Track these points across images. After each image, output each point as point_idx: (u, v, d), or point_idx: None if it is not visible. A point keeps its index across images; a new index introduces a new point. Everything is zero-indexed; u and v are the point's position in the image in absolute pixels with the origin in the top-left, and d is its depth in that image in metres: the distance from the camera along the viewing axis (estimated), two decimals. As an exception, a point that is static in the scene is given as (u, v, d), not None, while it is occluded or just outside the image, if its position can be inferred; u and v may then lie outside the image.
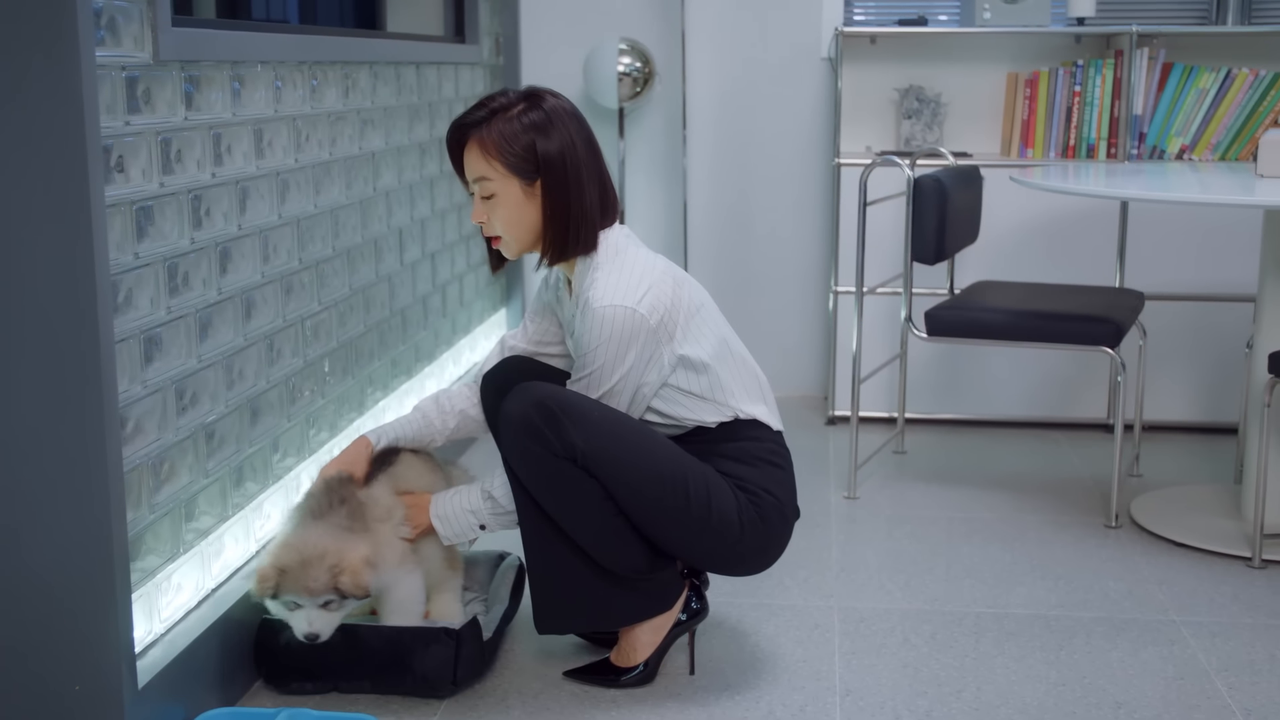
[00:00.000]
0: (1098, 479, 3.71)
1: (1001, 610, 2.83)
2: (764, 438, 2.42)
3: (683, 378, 2.38)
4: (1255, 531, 3.06)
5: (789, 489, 2.43)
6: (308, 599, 2.26)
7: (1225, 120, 4.11)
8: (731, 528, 2.34)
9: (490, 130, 2.34)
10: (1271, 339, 3.17)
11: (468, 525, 2.46)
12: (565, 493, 2.28)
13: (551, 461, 2.25)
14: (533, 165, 2.34)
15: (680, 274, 2.43)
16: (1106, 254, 4.08)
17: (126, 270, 2.09)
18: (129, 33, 2.09)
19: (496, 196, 2.36)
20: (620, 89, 4.28)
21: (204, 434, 2.37)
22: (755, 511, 2.36)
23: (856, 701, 2.42)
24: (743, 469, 2.38)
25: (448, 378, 3.90)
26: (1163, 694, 2.45)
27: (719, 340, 2.41)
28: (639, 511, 2.30)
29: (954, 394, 4.24)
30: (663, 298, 2.33)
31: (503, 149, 2.33)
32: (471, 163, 2.37)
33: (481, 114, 2.36)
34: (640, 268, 2.36)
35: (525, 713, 2.38)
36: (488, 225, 2.40)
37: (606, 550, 2.32)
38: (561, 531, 2.33)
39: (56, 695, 2.04)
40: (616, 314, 2.29)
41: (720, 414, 2.40)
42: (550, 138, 2.35)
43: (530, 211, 2.37)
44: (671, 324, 2.35)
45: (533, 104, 2.36)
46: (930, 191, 3.37)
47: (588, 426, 2.25)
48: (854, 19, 4.53)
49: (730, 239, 4.57)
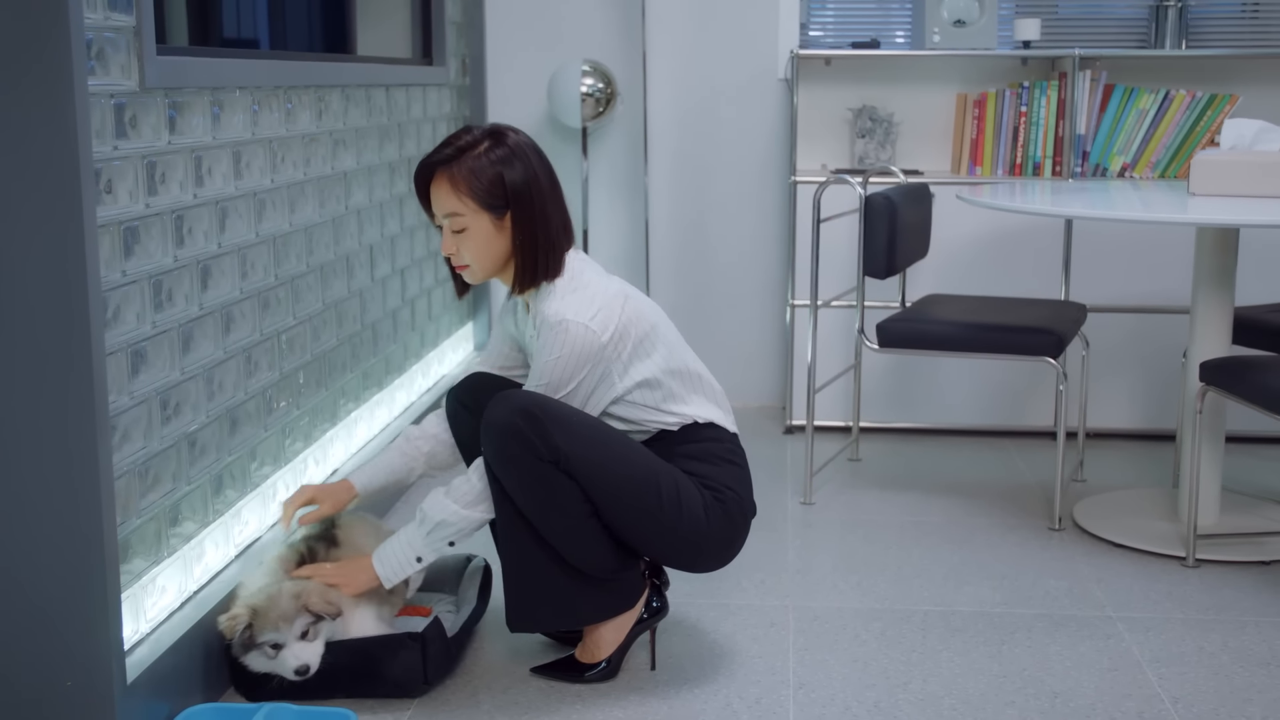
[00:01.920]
0: (1043, 484, 3.87)
1: (948, 608, 2.97)
2: (723, 438, 2.56)
3: (636, 394, 2.51)
4: (1189, 532, 3.21)
5: (747, 486, 2.57)
6: (285, 630, 2.38)
7: (1164, 139, 4.29)
8: (699, 524, 2.47)
9: (459, 168, 2.46)
10: (1204, 349, 3.33)
11: (405, 559, 2.53)
12: (545, 495, 2.40)
13: (534, 464, 2.37)
14: (502, 200, 2.46)
15: (633, 294, 2.55)
16: (1052, 268, 4.24)
17: (115, 287, 2.20)
18: (117, 62, 2.20)
19: (468, 230, 2.47)
20: (583, 109, 4.42)
21: (187, 443, 2.48)
22: (720, 509, 2.50)
23: (809, 694, 2.55)
24: (706, 468, 2.51)
25: (416, 389, 4.01)
26: (1097, 684, 2.60)
27: (670, 357, 2.54)
28: (615, 511, 2.42)
29: (907, 403, 4.39)
30: (614, 316, 2.45)
31: (473, 185, 2.45)
32: (442, 199, 2.49)
33: (449, 152, 2.48)
34: (594, 288, 2.48)
35: (495, 707, 2.50)
36: (457, 256, 2.52)
37: (579, 551, 2.45)
38: (536, 535, 2.45)
39: (50, 691, 2.15)
40: (570, 329, 2.41)
41: (678, 420, 2.54)
42: (516, 173, 2.47)
43: (500, 243, 2.49)
44: (623, 341, 2.47)
45: (497, 141, 2.48)
46: (881, 209, 3.52)
47: (569, 430, 2.38)
48: (810, 41, 4.68)
49: (690, 254, 4.71)
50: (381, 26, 3.90)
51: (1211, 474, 3.39)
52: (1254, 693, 2.56)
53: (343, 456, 3.34)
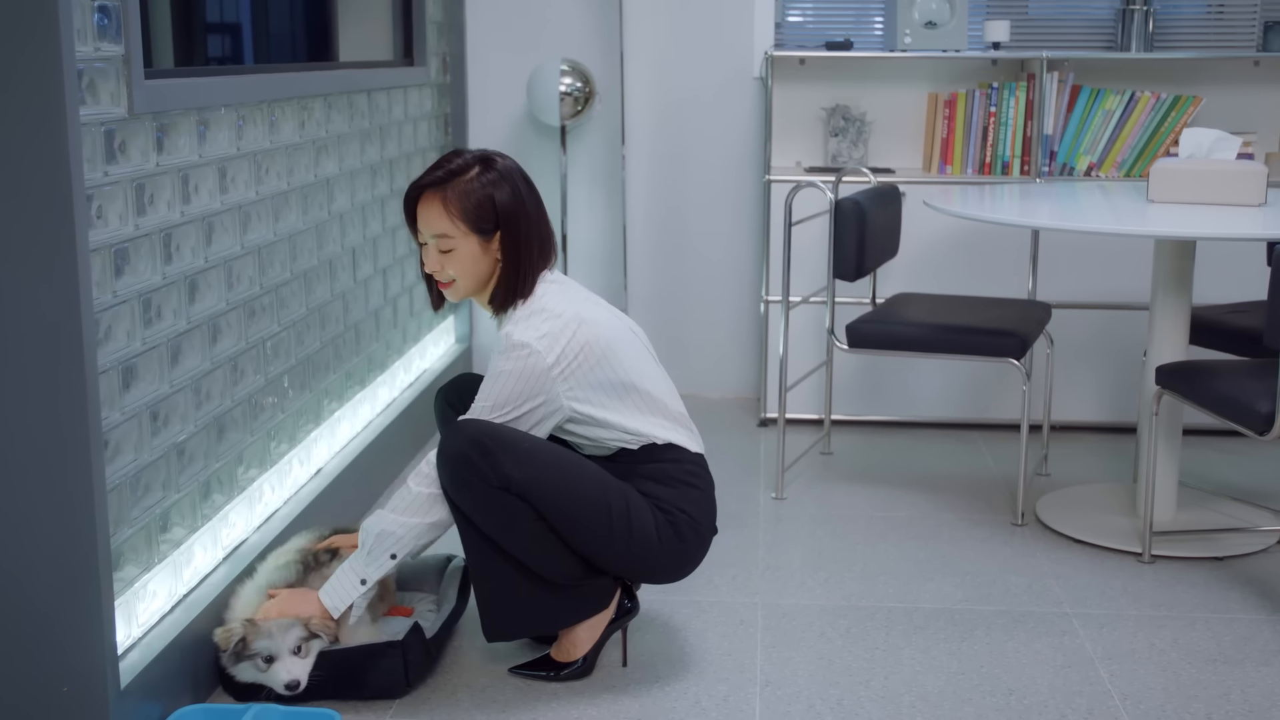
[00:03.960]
0: (1008, 478, 3.98)
1: (911, 605, 3.08)
2: (682, 459, 2.64)
3: (591, 414, 2.57)
4: (1145, 529, 3.33)
5: (704, 508, 2.66)
6: (279, 642, 2.47)
7: (1130, 140, 4.39)
8: (650, 544, 2.57)
9: (451, 190, 2.55)
10: (1161, 353, 3.45)
11: (350, 584, 2.59)
12: (501, 518, 2.50)
13: (486, 490, 2.47)
14: (491, 223, 2.56)
15: (593, 319, 2.58)
16: (1019, 265, 4.34)
17: (106, 308, 2.29)
18: (106, 90, 2.28)
19: (455, 251, 2.57)
20: (562, 108, 4.50)
21: (175, 452, 2.57)
22: (671, 530, 2.59)
23: (775, 691, 2.67)
24: (661, 489, 2.60)
25: (399, 385, 4.10)
26: (1050, 681, 2.71)
27: (629, 381, 2.59)
28: (567, 530, 2.52)
29: (879, 397, 4.50)
30: (562, 340, 2.52)
31: (464, 208, 2.54)
32: (431, 220, 2.57)
33: (440, 175, 2.57)
34: (549, 312, 2.56)
35: (473, 705, 2.61)
36: (441, 274, 2.61)
37: (543, 563, 2.55)
38: (500, 549, 2.55)
39: (46, 696, 2.25)
40: (516, 350, 2.51)
41: (637, 440, 2.61)
42: (505, 197, 2.57)
43: (485, 263, 2.59)
44: (571, 364, 2.52)
45: (487, 166, 2.58)
46: (850, 214, 3.62)
47: (519, 456, 2.47)
48: (784, 41, 4.76)
49: (667, 249, 4.80)
50: (363, 27, 3.97)
51: (1168, 472, 3.51)
52: (1200, 689, 2.68)
53: (326, 456, 3.44)
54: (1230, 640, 2.90)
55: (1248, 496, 3.79)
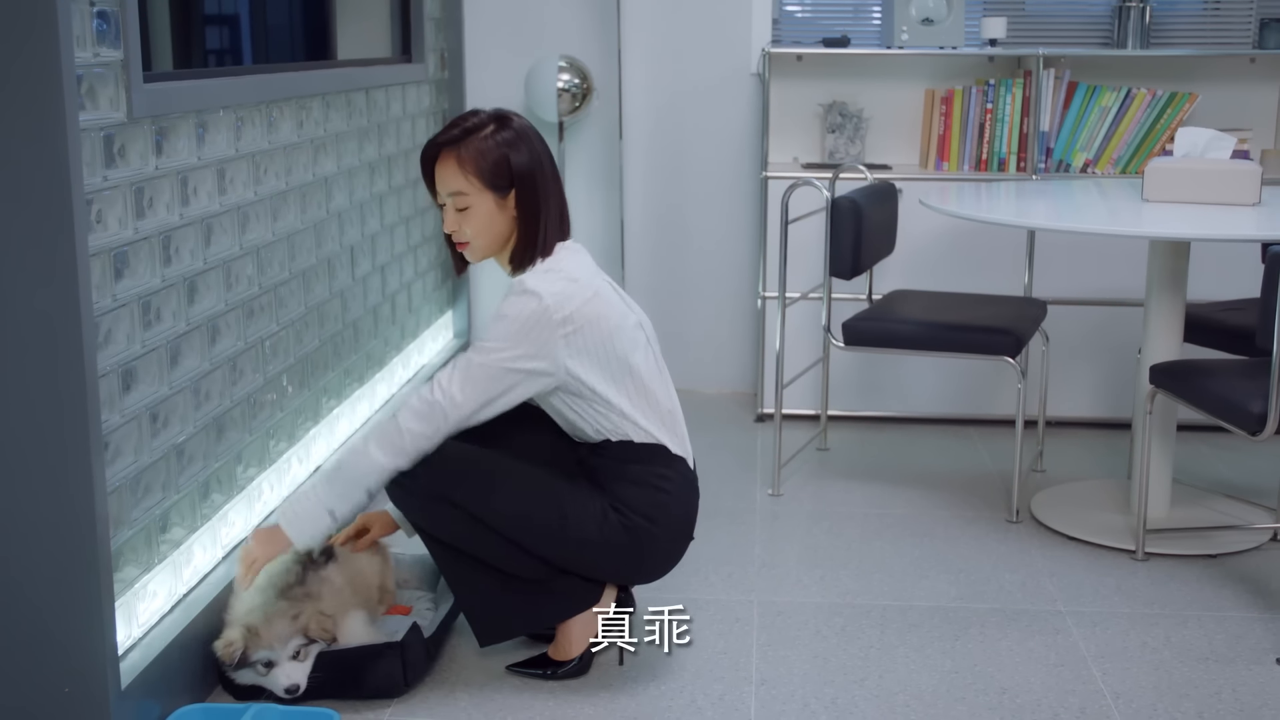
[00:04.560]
0: (1004, 474, 4.00)
1: (906, 603, 3.10)
2: (655, 461, 2.62)
3: (574, 389, 2.57)
4: (1139, 527, 3.35)
5: (670, 513, 2.62)
6: (279, 649, 2.49)
7: (1126, 136, 4.40)
8: (593, 545, 2.58)
9: (466, 148, 2.57)
10: (1155, 352, 3.46)
11: (316, 515, 2.56)
12: (442, 522, 2.58)
13: (424, 503, 2.58)
14: (506, 180, 2.57)
15: (607, 297, 2.61)
16: (1016, 261, 4.35)
17: (106, 312, 2.31)
18: (105, 95, 2.29)
19: (471, 209, 2.58)
20: (560, 104, 4.51)
21: (175, 453, 2.59)
22: (623, 533, 2.58)
23: (770, 690, 2.69)
24: (627, 490, 2.60)
25: (397, 381, 4.12)
26: (1043, 680, 2.74)
27: (624, 368, 2.59)
28: (510, 534, 2.56)
29: (875, 392, 4.52)
30: (573, 302, 2.53)
31: (479, 165, 2.56)
32: (447, 178, 2.59)
33: (455, 133, 2.59)
34: (566, 274, 2.57)
35: (471, 704, 2.63)
36: (459, 233, 2.62)
37: (507, 562, 2.59)
38: (470, 556, 2.60)
39: (48, 698, 2.27)
40: (526, 296, 2.51)
41: (618, 432, 2.61)
42: (521, 155, 2.59)
43: (501, 222, 2.60)
44: (574, 328, 2.52)
45: (502, 124, 2.60)
46: (846, 212, 3.63)
47: (437, 465, 2.54)
48: (782, 36, 4.77)
49: (665, 244, 4.81)
50: (360, 24, 3.98)
51: (1162, 470, 3.53)
52: (1191, 688, 2.70)
53: (325, 453, 3.45)
54: (1222, 639, 2.92)
55: (1241, 493, 3.81)
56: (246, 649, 2.50)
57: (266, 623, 2.51)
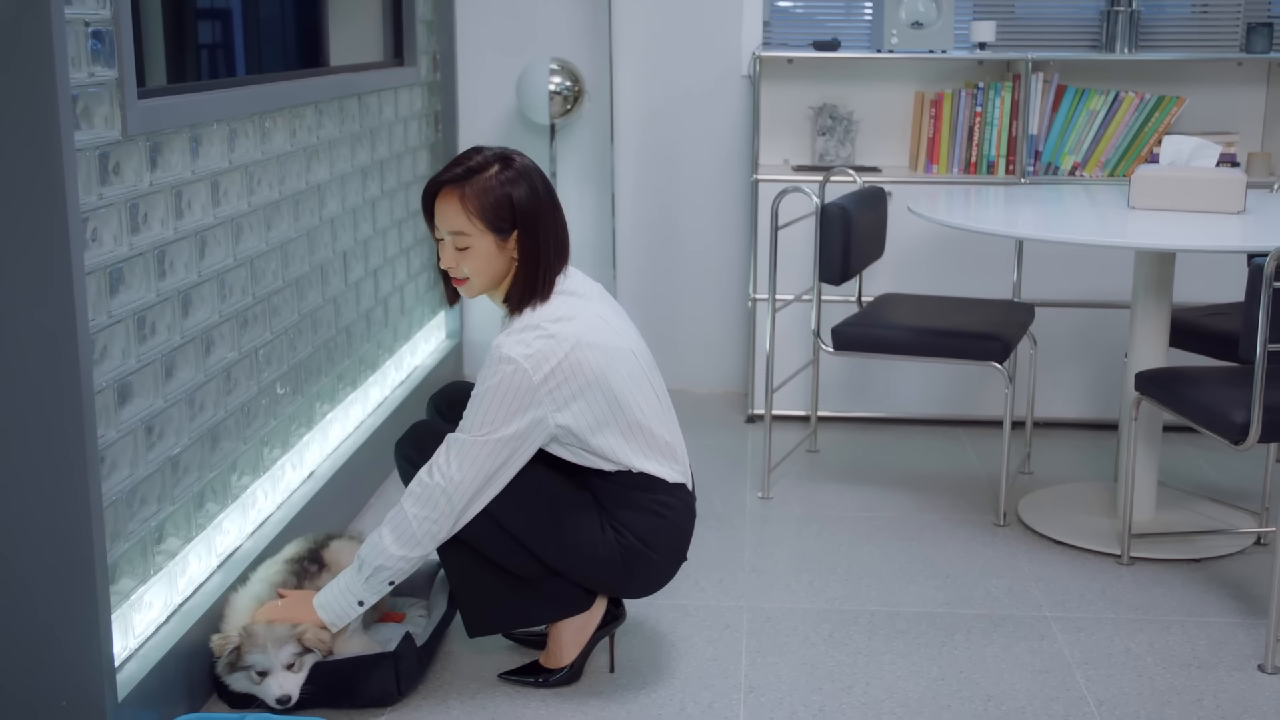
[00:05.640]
0: (992, 476, 4.04)
1: (893, 609, 3.14)
2: (654, 488, 2.64)
3: (570, 436, 2.58)
4: (1124, 531, 3.39)
5: (665, 537, 2.64)
6: (274, 655, 2.52)
7: (1114, 139, 4.43)
8: (581, 557, 2.61)
9: (470, 188, 2.56)
10: (1141, 358, 3.50)
11: (348, 605, 2.63)
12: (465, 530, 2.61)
13: None
14: (508, 222, 2.58)
15: (589, 343, 2.55)
16: (1004, 264, 4.38)
17: (102, 329, 2.33)
18: (100, 114, 2.31)
19: (471, 249, 2.58)
20: (551, 106, 4.53)
21: (170, 465, 2.62)
22: (618, 550, 2.61)
23: (758, 698, 2.72)
24: (624, 512, 2.63)
25: (390, 383, 4.15)
26: (1028, 687, 2.77)
27: (616, 410, 2.58)
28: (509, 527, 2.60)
29: (865, 393, 4.55)
30: (552, 359, 2.51)
31: (482, 205, 2.56)
32: (449, 217, 2.58)
33: (459, 171, 2.58)
34: (544, 330, 2.55)
35: (463, 712, 2.67)
36: (456, 270, 2.62)
37: (501, 556, 2.62)
38: (471, 550, 2.62)
39: (46, 711, 2.30)
40: (503, 365, 2.51)
41: (613, 466, 2.63)
42: (523, 196, 2.58)
43: (501, 262, 2.60)
44: (558, 384, 2.53)
45: (505, 164, 2.60)
46: (836, 219, 3.66)
47: None
48: (772, 37, 4.79)
49: (656, 246, 4.84)
50: (353, 27, 4.00)
51: (1148, 475, 3.57)
52: (1173, 695, 2.74)
53: (318, 459, 3.48)
54: (1205, 644, 2.96)
55: (1225, 496, 3.85)
56: (241, 650, 2.53)
57: (265, 626, 2.53)
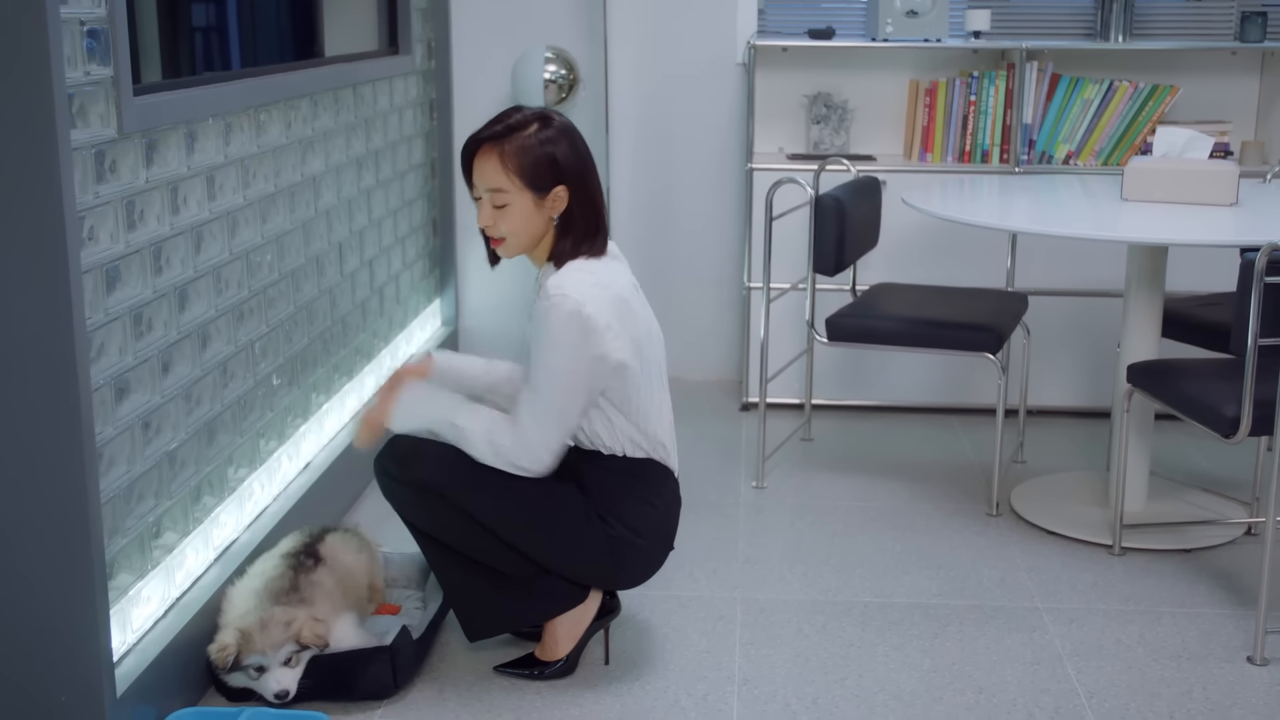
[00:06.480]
0: (985, 465, 4.05)
1: (886, 600, 3.16)
2: (649, 476, 2.67)
3: (603, 411, 2.61)
4: (1116, 521, 3.41)
5: (654, 526, 2.69)
6: (271, 655, 2.54)
7: (1108, 128, 4.44)
8: (570, 551, 2.64)
9: (509, 145, 2.57)
10: (1134, 350, 3.52)
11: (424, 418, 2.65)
12: (431, 516, 2.63)
13: (408, 494, 2.62)
14: (547, 180, 2.58)
15: (634, 302, 2.64)
16: (998, 253, 4.39)
17: (99, 326, 2.34)
18: (96, 112, 2.32)
19: (509, 207, 2.59)
20: (546, 94, 4.53)
21: (167, 460, 2.63)
22: (606, 543, 2.64)
23: (752, 690, 2.75)
24: (617, 501, 2.65)
25: (386, 372, 4.15)
26: (1019, 678, 2.80)
27: (647, 373, 2.64)
28: (495, 529, 2.61)
29: (859, 381, 4.57)
30: (601, 301, 2.53)
31: (521, 163, 2.56)
32: (487, 174, 2.59)
33: (499, 129, 2.59)
34: (597, 279, 2.57)
35: (460, 704, 2.69)
36: (494, 229, 2.63)
37: (489, 557, 2.64)
38: (458, 552, 2.65)
39: (45, 706, 2.32)
40: (560, 300, 2.50)
41: (612, 447, 2.65)
42: (563, 154, 2.59)
43: (538, 220, 2.61)
44: (606, 321, 2.53)
45: (545, 123, 2.61)
46: (830, 210, 3.67)
47: (428, 458, 2.59)
48: (767, 24, 4.79)
49: (651, 233, 4.85)
50: (348, 16, 3.99)
51: (1139, 465, 3.59)
52: (1163, 686, 2.77)
53: (314, 449, 3.49)
54: (1195, 636, 2.99)
55: (1217, 486, 3.88)
56: (239, 653, 2.55)
57: (260, 627, 2.55)
